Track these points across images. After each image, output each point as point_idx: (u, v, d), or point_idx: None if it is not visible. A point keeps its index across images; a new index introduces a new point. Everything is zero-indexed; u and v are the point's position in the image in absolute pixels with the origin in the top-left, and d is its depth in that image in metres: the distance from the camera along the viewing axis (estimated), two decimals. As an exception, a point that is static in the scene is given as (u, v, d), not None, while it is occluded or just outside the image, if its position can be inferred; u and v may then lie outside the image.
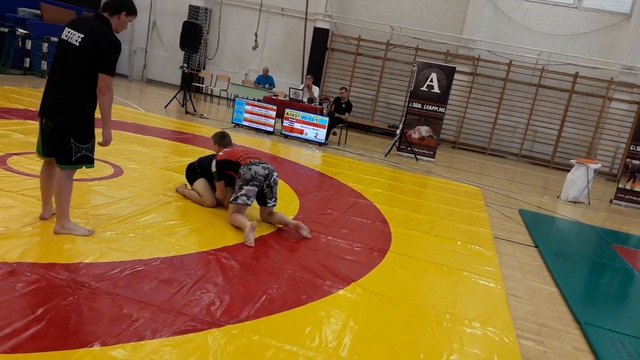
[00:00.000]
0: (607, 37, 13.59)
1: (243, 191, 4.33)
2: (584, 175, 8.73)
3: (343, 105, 11.43)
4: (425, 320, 3.22)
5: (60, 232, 3.47)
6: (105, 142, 3.46)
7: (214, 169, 4.65)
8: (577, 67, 13.60)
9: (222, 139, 4.92)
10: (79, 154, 3.37)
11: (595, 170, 8.89)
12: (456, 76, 12.07)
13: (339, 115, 11.26)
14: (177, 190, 4.99)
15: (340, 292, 3.40)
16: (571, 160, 9.40)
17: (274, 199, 4.54)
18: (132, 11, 3.43)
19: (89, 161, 3.47)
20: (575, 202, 8.76)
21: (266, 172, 4.43)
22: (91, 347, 2.29)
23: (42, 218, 3.64)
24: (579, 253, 5.79)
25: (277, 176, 4.54)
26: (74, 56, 3.22)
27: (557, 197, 9.07)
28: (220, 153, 4.69)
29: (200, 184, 4.80)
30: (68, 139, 3.32)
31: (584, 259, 5.62)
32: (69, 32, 3.27)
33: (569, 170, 9.19)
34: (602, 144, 13.84)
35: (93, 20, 3.34)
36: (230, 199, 4.40)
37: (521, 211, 7.23)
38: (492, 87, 14.47)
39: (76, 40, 3.21)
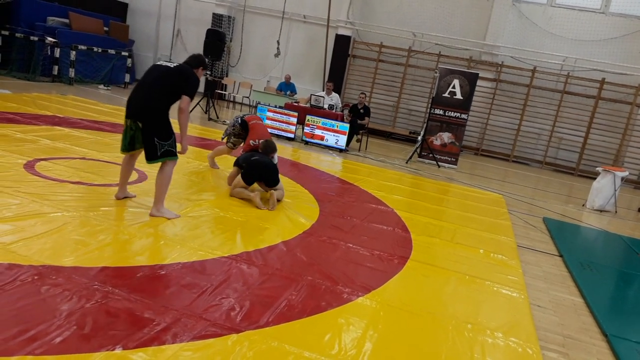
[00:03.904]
0: (635, 42, 13.28)
1: None
2: (610, 183, 8.54)
3: (361, 111, 11.41)
4: (446, 329, 3.18)
5: (155, 215, 4.25)
6: (184, 151, 4.36)
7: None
8: (603, 73, 13.33)
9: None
10: (162, 150, 4.13)
11: (622, 178, 8.69)
12: (479, 82, 11.96)
13: (360, 121, 11.24)
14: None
15: (360, 299, 3.38)
16: (597, 168, 9.20)
17: None
18: (206, 67, 4.61)
19: (171, 154, 4.21)
20: (601, 211, 8.56)
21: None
22: (112, 350, 2.32)
23: (116, 197, 4.47)
24: (605, 263, 5.66)
25: None
26: (166, 74, 4.19)
27: (583, 205, 8.89)
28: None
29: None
30: (152, 138, 4.09)
31: (611, 269, 5.49)
32: (164, 61, 4.36)
33: (594, 178, 9.00)
34: (629, 151, 13.51)
35: (183, 63, 4.41)
36: None
37: (545, 219, 7.10)
38: (516, 94, 14.28)
39: (171, 64, 4.28)
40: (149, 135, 4.08)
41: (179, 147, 4.30)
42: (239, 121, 6.21)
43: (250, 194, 5.23)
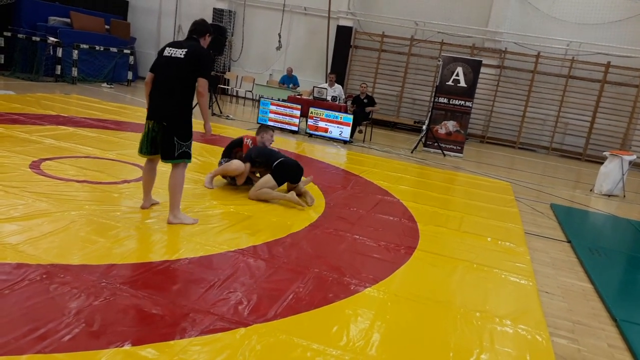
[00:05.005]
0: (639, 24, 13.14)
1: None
2: (618, 168, 8.47)
3: (365, 101, 11.34)
4: (455, 318, 3.17)
5: (173, 222, 4.05)
6: (208, 133, 4.25)
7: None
8: (608, 56, 13.19)
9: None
10: (180, 150, 4.00)
11: (630, 162, 8.62)
12: (483, 69, 11.87)
13: (367, 109, 11.12)
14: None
15: (367, 290, 3.38)
16: (604, 153, 9.13)
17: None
18: (211, 32, 4.26)
19: (187, 156, 4.09)
20: (609, 196, 8.51)
21: None
22: (121, 346, 2.34)
23: (142, 207, 4.28)
24: (614, 248, 5.62)
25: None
26: (179, 67, 3.93)
27: (590, 190, 8.83)
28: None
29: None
30: (172, 137, 3.96)
31: (620, 253, 5.46)
32: (170, 50, 4.03)
33: (602, 163, 8.93)
34: (637, 134, 13.39)
35: (188, 40, 4.13)
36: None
37: (553, 206, 7.06)
38: (520, 80, 14.16)
39: (180, 54, 3.96)
40: (170, 135, 3.96)
41: (200, 130, 4.28)
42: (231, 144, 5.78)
43: (280, 194, 5.17)
